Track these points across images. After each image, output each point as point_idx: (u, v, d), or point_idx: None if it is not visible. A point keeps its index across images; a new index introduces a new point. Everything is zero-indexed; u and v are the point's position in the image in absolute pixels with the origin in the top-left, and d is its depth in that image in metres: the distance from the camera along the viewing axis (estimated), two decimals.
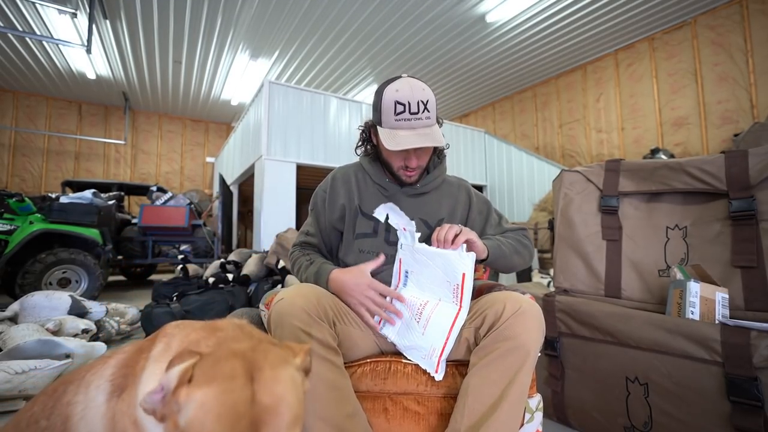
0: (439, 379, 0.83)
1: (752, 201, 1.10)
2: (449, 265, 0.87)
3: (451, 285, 0.87)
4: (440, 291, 0.89)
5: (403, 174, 0.98)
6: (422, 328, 0.85)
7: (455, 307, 0.86)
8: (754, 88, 4.37)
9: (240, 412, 0.43)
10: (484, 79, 6.88)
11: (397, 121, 0.88)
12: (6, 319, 2.18)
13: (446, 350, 0.83)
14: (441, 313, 0.86)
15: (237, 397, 0.44)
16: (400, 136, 0.88)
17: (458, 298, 0.86)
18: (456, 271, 0.86)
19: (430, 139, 0.87)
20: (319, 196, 1.07)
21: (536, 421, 0.88)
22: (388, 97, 0.89)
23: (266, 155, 4.51)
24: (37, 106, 7.42)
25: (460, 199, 1.06)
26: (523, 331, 0.76)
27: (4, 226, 3.47)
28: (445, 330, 0.84)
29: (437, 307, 0.87)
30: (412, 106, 0.87)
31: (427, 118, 0.89)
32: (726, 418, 0.94)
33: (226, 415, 0.43)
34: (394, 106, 0.88)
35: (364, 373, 0.86)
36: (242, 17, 4.98)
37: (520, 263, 1.03)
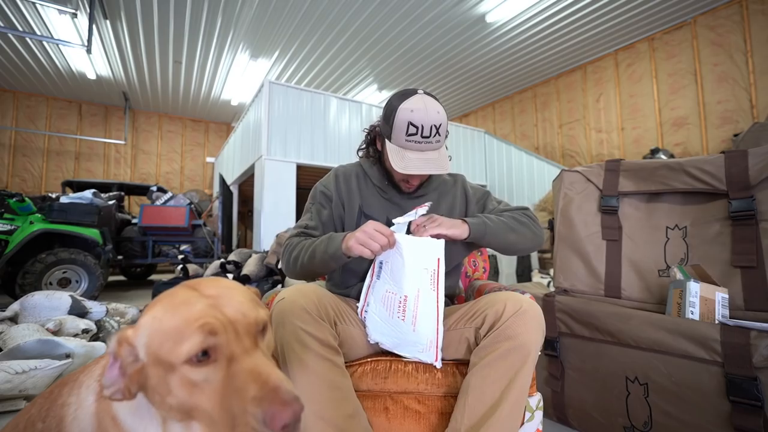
0: (439, 366, 0.84)
1: (752, 201, 1.10)
2: (426, 252, 0.86)
3: (428, 271, 0.86)
4: (418, 280, 0.86)
5: (403, 186, 1.01)
6: (412, 325, 0.85)
7: (434, 293, 0.85)
8: (753, 88, 4.38)
9: (193, 300, 0.45)
10: (484, 79, 6.88)
11: (407, 142, 0.88)
12: (6, 319, 2.18)
13: (440, 337, 0.84)
14: (425, 303, 0.85)
15: (181, 295, 0.46)
16: (408, 158, 0.89)
17: (435, 284, 0.85)
18: (432, 257, 0.85)
19: (436, 166, 0.89)
20: (321, 192, 1.06)
21: (536, 419, 0.88)
22: (402, 117, 0.88)
23: (266, 155, 4.51)
24: (38, 106, 7.42)
25: (457, 195, 1.07)
26: (523, 331, 0.76)
27: (4, 226, 3.47)
28: (434, 319, 0.84)
29: (419, 298, 0.86)
30: (424, 130, 0.87)
31: (437, 142, 0.89)
32: (726, 418, 0.94)
33: (179, 306, 0.44)
34: (407, 126, 0.87)
35: (364, 372, 0.86)
36: (242, 17, 4.99)
37: (519, 240, 0.98)
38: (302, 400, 0.72)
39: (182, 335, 0.42)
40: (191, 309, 0.44)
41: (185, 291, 0.48)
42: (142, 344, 0.44)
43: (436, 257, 0.85)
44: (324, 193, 1.05)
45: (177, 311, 0.44)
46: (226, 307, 0.46)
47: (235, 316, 0.45)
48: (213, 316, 0.44)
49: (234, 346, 0.44)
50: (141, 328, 0.45)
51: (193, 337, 0.42)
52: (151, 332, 0.44)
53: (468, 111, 8.55)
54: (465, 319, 0.87)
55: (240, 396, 0.41)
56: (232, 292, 0.48)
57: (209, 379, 0.43)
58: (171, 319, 0.44)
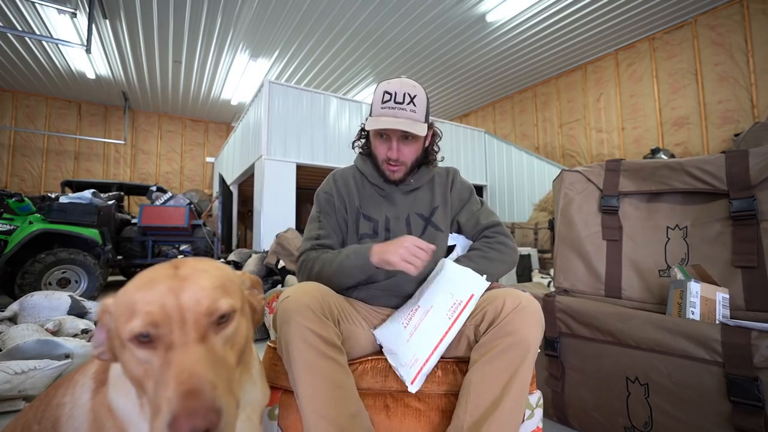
0: (412, 391, 0.79)
1: (753, 201, 1.10)
2: (463, 281, 0.85)
3: (453, 299, 0.84)
4: (436, 300, 0.85)
5: (386, 168, 1.00)
6: (408, 335, 0.83)
7: (447, 323, 0.81)
8: (754, 87, 4.37)
9: (159, 280, 0.46)
10: (484, 79, 6.88)
11: (382, 109, 0.93)
12: (5, 320, 2.18)
13: (429, 364, 0.79)
14: (430, 324, 0.82)
15: (156, 273, 0.48)
16: (381, 120, 0.92)
17: (455, 315, 0.82)
18: (466, 289, 0.84)
19: (407, 125, 0.90)
20: (324, 198, 1.07)
21: (536, 417, 0.88)
22: (378, 89, 0.95)
23: (266, 155, 4.51)
24: (37, 106, 7.42)
25: (447, 183, 1.09)
26: (523, 327, 0.77)
27: (3, 226, 3.47)
28: (433, 342, 0.80)
29: (426, 315, 0.84)
30: (398, 96, 0.91)
31: (412, 111, 0.92)
32: (726, 418, 0.94)
33: (145, 284, 0.46)
34: (382, 95, 0.93)
35: (365, 370, 0.86)
36: (242, 17, 4.98)
37: (506, 269, 1.02)
38: (305, 399, 0.72)
39: (132, 314, 0.44)
40: (150, 291, 0.45)
41: (163, 269, 0.49)
42: (113, 313, 0.47)
43: (470, 292, 0.83)
44: (327, 199, 1.06)
45: (140, 289, 0.46)
46: (185, 292, 0.45)
47: (187, 303, 0.45)
48: (161, 304, 0.44)
49: (175, 336, 0.43)
50: (116, 298, 0.47)
51: (137, 320, 0.43)
52: (118, 304, 0.46)
53: (468, 111, 8.55)
54: None
55: (161, 390, 0.40)
56: (201, 276, 0.48)
57: (150, 360, 0.43)
58: (132, 296, 0.45)
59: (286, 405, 0.83)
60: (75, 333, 2.04)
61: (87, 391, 0.53)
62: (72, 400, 0.53)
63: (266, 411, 0.86)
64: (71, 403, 0.53)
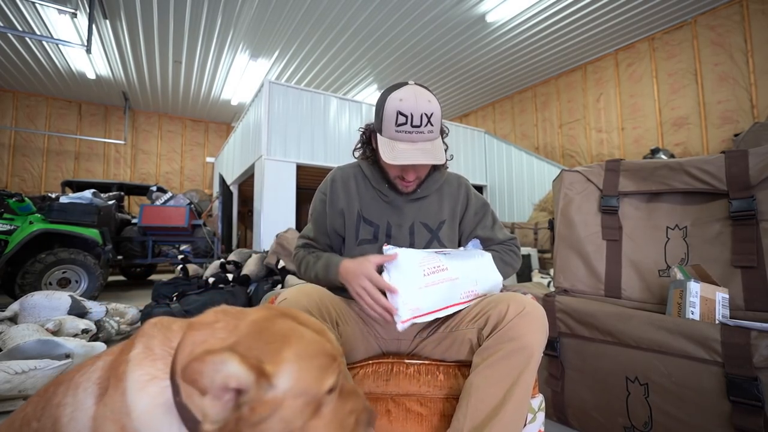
0: (399, 329, 0.80)
1: (752, 201, 1.10)
2: (487, 278, 0.93)
3: (474, 286, 0.90)
4: (462, 276, 0.89)
5: (399, 184, 0.96)
6: (424, 285, 0.84)
7: (458, 300, 0.87)
8: (754, 88, 4.38)
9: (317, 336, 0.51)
10: (484, 79, 6.88)
11: (397, 133, 0.85)
12: (6, 319, 2.18)
13: (424, 318, 0.82)
14: (446, 291, 0.85)
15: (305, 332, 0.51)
16: (399, 149, 0.84)
17: (466, 299, 0.89)
18: (486, 286, 0.92)
19: (430, 156, 0.84)
20: (319, 200, 1.05)
21: (538, 421, 0.88)
22: (390, 106, 0.85)
23: (266, 155, 4.51)
24: (37, 106, 7.42)
25: (459, 199, 1.05)
26: (527, 332, 0.75)
27: (4, 226, 3.47)
28: (438, 306, 0.84)
29: (448, 282, 0.86)
30: (414, 119, 0.83)
31: (429, 132, 0.85)
32: (726, 418, 0.94)
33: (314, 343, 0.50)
34: (396, 116, 0.84)
35: (366, 374, 0.86)
36: (242, 17, 4.98)
37: (511, 273, 1.06)
38: None
39: (326, 373, 0.48)
40: (325, 347, 0.50)
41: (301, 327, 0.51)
42: (287, 381, 0.46)
43: (486, 291, 0.91)
44: (321, 200, 1.04)
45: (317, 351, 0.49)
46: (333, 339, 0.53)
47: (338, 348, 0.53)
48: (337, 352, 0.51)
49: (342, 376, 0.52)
50: (283, 366, 0.46)
51: (334, 371, 0.49)
52: (301, 371, 0.47)
53: (468, 111, 8.55)
54: (467, 320, 0.86)
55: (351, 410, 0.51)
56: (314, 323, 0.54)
57: (330, 402, 0.50)
58: (317, 361, 0.49)
59: None
60: (75, 333, 2.04)
61: (90, 396, 0.52)
62: (74, 402, 0.52)
63: None
64: (73, 405, 0.52)
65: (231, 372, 0.41)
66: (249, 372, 0.42)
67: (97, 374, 0.54)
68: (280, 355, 0.46)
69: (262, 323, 0.49)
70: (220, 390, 0.42)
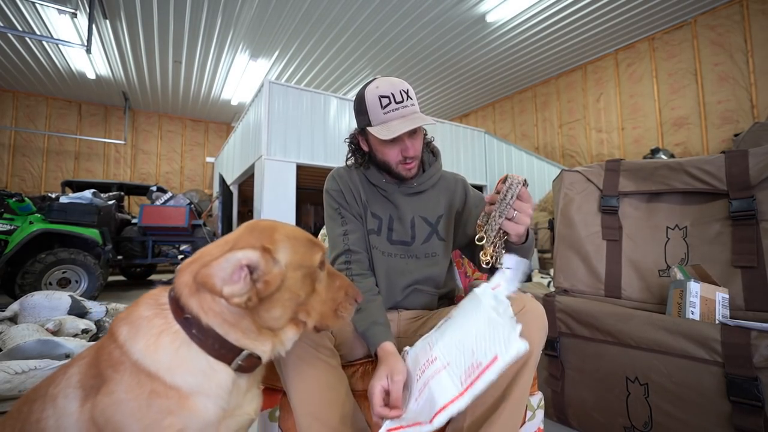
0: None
1: (752, 201, 1.10)
2: (493, 337, 0.63)
3: (472, 358, 0.62)
4: (453, 355, 0.66)
5: (402, 169, 0.96)
6: (417, 392, 0.67)
7: (458, 389, 0.61)
8: (754, 88, 4.38)
9: (310, 236, 0.64)
10: (484, 79, 6.88)
11: (386, 114, 0.90)
12: (6, 319, 2.18)
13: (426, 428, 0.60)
14: (442, 384, 0.63)
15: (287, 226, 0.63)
16: (393, 125, 0.89)
17: (468, 382, 0.61)
18: (489, 349, 0.61)
19: (421, 120, 0.89)
20: (336, 194, 1.02)
21: (537, 419, 0.88)
22: (371, 96, 0.91)
23: (266, 155, 4.51)
24: (37, 106, 7.42)
25: (457, 192, 1.06)
26: (525, 330, 0.74)
27: (4, 226, 3.47)
28: (434, 407, 0.61)
29: (439, 373, 0.65)
30: (396, 96, 0.90)
31: (412, 105, 0.91)
32: (726, 418, 0.94)
33: (298, 230, 0.63)
34: (379, 101, 0.90)
35: (365, 371, 0.86)
36: (242, 17, 4.98)
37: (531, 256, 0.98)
38: (297, 401, 0.73)
39: (313, 249, 0.61)
40: (306, 233, 0.63)
41: (279, 223, 0.62)
42: (284, 255, 0.57)
43: (495, 353, 0.59)
44: (339, 193, 1.02)
45: (301, 234, 0.62)
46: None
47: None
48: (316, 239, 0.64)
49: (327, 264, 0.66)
50: (278, 244, 0.56)
51: (320, 248, 0.63)
52: (293, 247, 0.58)
53: (468, 111, 8.55)
54: None
55: (339, 286, 0.65)
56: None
57: (322, 278, 0.63)
58: (303, 240, 0.61)
59: (287, 407, 0.83)
60: (75, 333, 2.04)
61: (73, 400, 0.53)
62: (55, 414, 0.52)
63: (267, 412, 0.86)
64: (55, 416, 0.52)
65: (240, 256, 0.51)
66: (254, 251, 0.52)
67: (76, 378, 0.55)
68: (273, 237, 0.57)
69: (248, 227, 0.59)
70: (236, 271, 0.51)
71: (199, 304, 0.53)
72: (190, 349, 0.53)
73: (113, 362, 0.53)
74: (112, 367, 0.53)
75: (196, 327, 0.53)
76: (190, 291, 0.54)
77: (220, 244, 0.57)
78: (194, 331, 0.53)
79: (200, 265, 0.52)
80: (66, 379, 0.55)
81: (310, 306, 0.61)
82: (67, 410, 0.52)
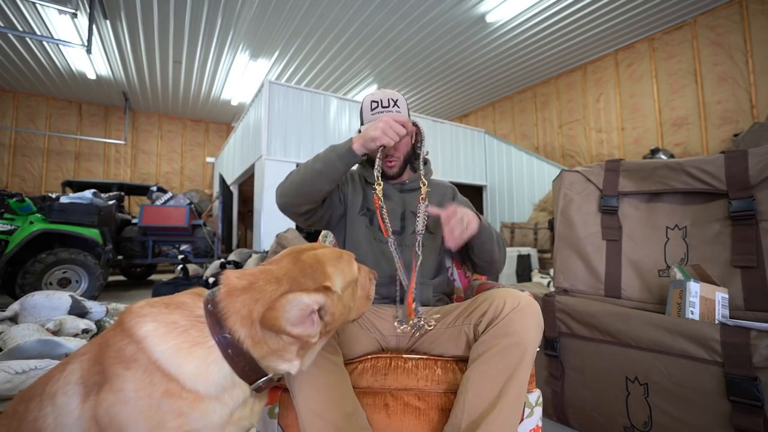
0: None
1: (752, 201, 1.10)
2: None
3: None
4: None
5: (385, 165, 1.10)
6: None
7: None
8: (753, 88, 4.38)
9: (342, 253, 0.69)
10: (484, 79, 6.88)
11: (373, 114, 1.07)
12: (6, 319, 2.18)
13: None
14: None
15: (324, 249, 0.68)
16: (375, 117, 1.05)
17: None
18: None
19: (398, 116, 1.00)
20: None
21: (536, 416, 0.88)
22: (365, 101, 1.10)
23: (266, 155, 4.51)
24: (38, 106, 7.42)
25: (446, 195, 1.18)
26: (521, 328, 0.77)
27: (4, 226, 3.47)
28: None
29: None
30: (383, 102, 1.07)
31: (397, 111, 1.06)
32: (726, 418, 0.94)
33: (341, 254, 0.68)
34: (370, 104, 1.08)
35: (364, 369, 0.87)
36: (242, 17, 4.99)
37: (498, 258, 1.08)
38: (300, 398, 0.74)
39: (350, 262, 0.68)
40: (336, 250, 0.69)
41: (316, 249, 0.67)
42: (338, 284, 0.62)
43: None
44: None
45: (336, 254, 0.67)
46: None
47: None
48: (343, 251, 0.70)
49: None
50: (333, 277, 0.61)
51: (352, 259, 0.69)
52: (341, 272, 0.64)
53: (468, 111, 8.55)
54: (464, 316, 0.88)
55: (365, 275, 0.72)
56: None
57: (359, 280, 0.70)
58: (341, 258, 0.66)
59: (286, 404, 0.84)
60: (76, 333, 2.04)
61: (74, 396, 0.52)
62: (54, 411, 0.52)
63: (266, 409, 0.86)
64: (54, 414, 0.52)
65: (309, 301, 0.55)
66: (318, 293, 0.57)
67: (77, 375, 0.54)
68: (325, 272, 0.61)
69: (293, 263, 0.62)
70: (307, 315, 0.55)
71: (248, 334, 0.56)
72: (221, 366, 0.56)
73: (124, 359, 0.52)
74: (122, 363, 0.52)
75: (233, 348, 0.56)
76: (242, 320, 0.56)
77: (270, 280, 0.59)
78: (230, 351, 0.55)
79: (255, 300, 0.56)
80: (65, 376, 0.55)
81: (354, 306, 0.68)
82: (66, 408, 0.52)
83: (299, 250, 0.65)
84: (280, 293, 0.56)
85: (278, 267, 0.61)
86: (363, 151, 0.94)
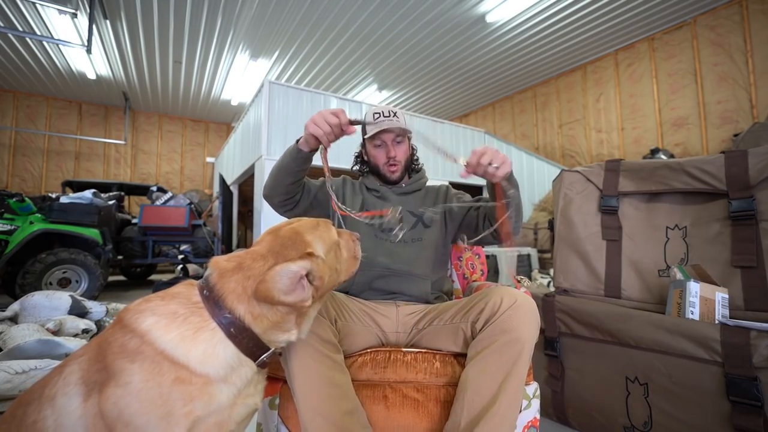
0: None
1: (752, 201, 1.10)
2: None
3: None
4: None
5: (387, 170, 1.17)
6: None
7: None
8: (753, 88, 4.38)
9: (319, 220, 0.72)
10: (484, 79, 6.88)
11: (376, 122, 1.14)
12: (6, 319, 2.18)
13: None
14: None
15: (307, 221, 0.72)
16: (379, 125, 1.13)
17: None
18: None
19: (397, 124, 1.11)
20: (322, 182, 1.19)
21: (533, 408, 0.89)
22: (369, 113, 1.17)
23: (266, 155, 4.51)
24: (38, 106, 7.42)
25: (440, 194, 1.23)
26: (518, 325, 0.78)
27: (4, 226, 3.47)
28: None
29: None
30: (384, 113, 1.15)
31: (396, 120, 1.13)
32: (726, 418, 0.94)
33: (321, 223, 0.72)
34: (372, 115, 1.16)
35: (364, 362, 0.87)
36: (242, 17, 4.99)
37: (519, 223, 1.03)
38: (301, 396, 0.75)
39: (328, 228, 0.71)
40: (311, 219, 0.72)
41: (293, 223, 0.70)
42: (320, 249, 0.65)
43: None
44: (322, 182, 1.19)
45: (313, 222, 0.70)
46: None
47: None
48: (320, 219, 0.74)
49: None
50: (313, 243, 0.64)
51: (331, 225, 0.73)
52: (320, 238, 0.67)
53: (468, 111, 8.55)
54: (462, 314, 0.89)
55: (347, 236, 0.76)
56: None
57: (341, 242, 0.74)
58: (318, 226, 0.70)
59: (287, 396, 0.84)
60: (76, 333, 2.04)
61: (75, 396, 0.52)
62: (54, 413, 0.52)
63: (267, 400, 0.87)
64: (54, 416, 0.52)
65: (295, 268, 0.58)
66: (303, 260, 0.60)
67: (77, 375, 0.54)
68: (305, 240, 0.64)
69: (274, 239, 0.65)
70: (297, 282, 0.58)
71: (247, 309, 0.58)
72: (226, 346, 0.58)
73: (128, 353, 0.53)
74: (127, 357, 0.52)
75: (235, 327, 0.58)
76: (239, 298, 0.58)
77: (256, 257, 0.62)
78: (232, 330, 0.58)
79: (246, 277, 0.59)
80: (63, 378, 0.55)
81: (341, 268, 0.72)
82: (67, 408, 0.52)
83: (277, 228, 0.69)
84: (268, 267, 0.59)
85: (261, 246, 0.64)
86: (307, 147, 0.98)
